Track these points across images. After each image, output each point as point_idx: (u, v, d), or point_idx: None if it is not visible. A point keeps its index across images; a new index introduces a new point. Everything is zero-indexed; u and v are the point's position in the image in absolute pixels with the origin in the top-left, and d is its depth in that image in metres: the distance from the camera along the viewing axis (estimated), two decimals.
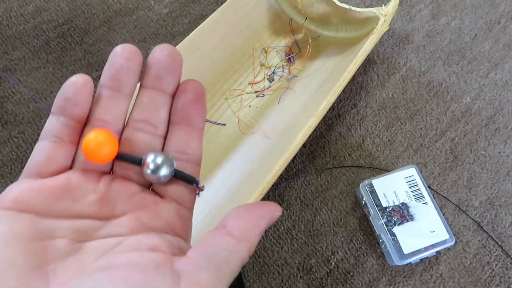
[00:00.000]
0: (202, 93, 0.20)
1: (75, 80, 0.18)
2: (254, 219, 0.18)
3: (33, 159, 0.18)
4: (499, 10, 0.58)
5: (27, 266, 0.15)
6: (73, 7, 0.53)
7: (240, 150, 0.45)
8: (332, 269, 0.42)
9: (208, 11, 0.55)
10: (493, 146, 0.49)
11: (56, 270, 0.15)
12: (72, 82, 0.18)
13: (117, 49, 0.19)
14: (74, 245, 0.16)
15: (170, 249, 0.17)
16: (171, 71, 0.19)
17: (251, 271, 0.41)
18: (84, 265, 0.15)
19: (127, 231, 0.17)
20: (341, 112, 0.50)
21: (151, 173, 0.18)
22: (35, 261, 0.15)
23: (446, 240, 0.40)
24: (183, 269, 0.15)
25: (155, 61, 0.19)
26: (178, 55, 0.20)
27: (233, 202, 0.40)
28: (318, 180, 0.46)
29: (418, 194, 0.42)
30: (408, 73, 0.53)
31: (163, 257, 0.16)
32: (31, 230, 0.16)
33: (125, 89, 0.19)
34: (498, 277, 0.42)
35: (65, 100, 0.18)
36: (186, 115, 0.20)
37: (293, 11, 0.52)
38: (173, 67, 0.19)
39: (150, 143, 0.19)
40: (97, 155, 0.17)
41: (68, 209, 0.17)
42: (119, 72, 0.19)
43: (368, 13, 0.46)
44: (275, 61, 0.50)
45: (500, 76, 0.53)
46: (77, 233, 0.17)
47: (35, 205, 0.17)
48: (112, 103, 0.19)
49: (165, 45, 0.19)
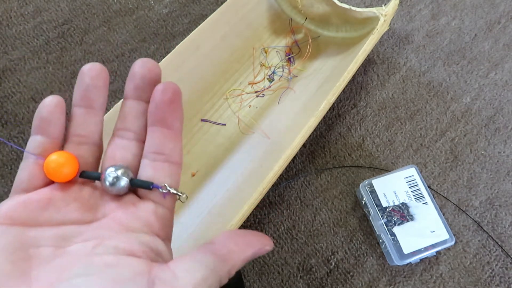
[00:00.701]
0: (176, 94, 0.20)
1: (49, 101, 0.19)
2: (243, 245, 0.18)
3: (19, 177, 0.19)
4: (499, 10, 0.58)
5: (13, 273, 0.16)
6: (73, 7, 0.53)
7: (240, 150, 0.45)
8: (332, 269, 0.42)
9: (208, 11, 0.55)
10: (493, 146, 0.49)
11: (39, 276, 0.16)
12: (46, 103, 0.19)
13: (84, 69, 0.20)
14: (58, 251, 0.17)
15: (147, 254, 0.17)
16: (147, 81, 0.20)
17: (251, 271, 0.41)
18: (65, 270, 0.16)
19: (106, 233, 0.18)
20: (341, 112, 0.50)
21: (109, 186, 0.19)
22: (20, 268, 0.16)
23: (446, 240, 0.40)
24: (160, 277, 0.16)
25: (133, 74, 0.20)
26: (156, 66, 0.21)
27: (233, 202, 0.40)
28: (318, 180, 0.46)
29: (418, 194, 0.42)
30: (408, 73, 0.53)
31: (140, 264, 0.16)
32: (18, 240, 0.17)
33: (96, 105, 0.20)
34: (498, 277, 0.42)
35: (41, 120, 0.19)
36: (160, 116, 0.20)
37: (293, 11, 0.52)
38: (150, 77, 0.20)
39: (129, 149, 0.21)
40: (57, 175, 0.19)
41: (52, 218, 0.18)
42: (87, 91, 0.20)
43: (368, 13, 0.46)
44: (275, 61, 0.50)
45: (500, 76, 0.53)
46: (61, 239, 0.18)
47: (22, 218, 0.18)
48: (86, 119, 0.20)
49: (144, 59, 0.21)
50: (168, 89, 0.20)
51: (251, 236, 0.19)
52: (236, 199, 0.40)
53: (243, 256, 0.18)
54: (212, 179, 0.43)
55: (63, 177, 0.19)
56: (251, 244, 0.18)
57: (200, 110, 0.46)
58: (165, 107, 0.20)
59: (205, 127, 0.46)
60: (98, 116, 0.21)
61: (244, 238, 0.19)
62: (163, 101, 0.20)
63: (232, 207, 0.38)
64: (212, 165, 0.44)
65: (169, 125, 0.20)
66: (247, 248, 0.18)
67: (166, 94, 0.20)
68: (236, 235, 0.19)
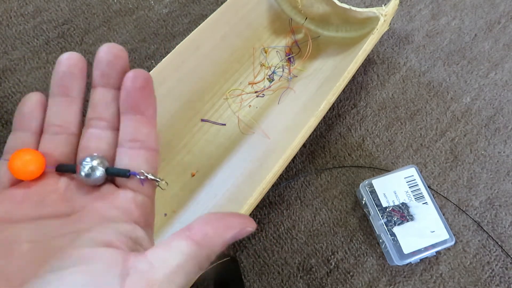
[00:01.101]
0: (147, 81, 0.20)
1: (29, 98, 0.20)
2: (221, 228, 0.18)
3: None
4: (499, 10, 0.58)
5: None
6: (73, 7, 0.53)
7: (240, 150, 0.45)
8: (332, 269, 0.42)
9: (208, 11, 0.55)
10: (493, 146, 0.49)
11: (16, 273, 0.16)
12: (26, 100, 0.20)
13: (61, 57, 0.20)
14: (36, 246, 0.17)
15: (125, 243, 0.17)
16: (114, 67, 0.20)
17: (251, 271, 0.41)
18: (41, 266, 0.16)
19: (85, 225, 0.18)
20: (341, 112, 0.50)
21: (85, 177, 0.19)
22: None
23: (446, 240, 0.40)
24: (135, 266, 0.16)
25: (98, 61, 0.20)
26: (121, 51, 0.20)
27: (233, 202, 0.40)
28: (318, 180, 0.46)
29: (418, 194, 0.42)
30: (408, 73, 0.53)
31: (116, 255, 0.16)
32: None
33: (72, 93, 0.20)
34: (498, 277, 0.42)
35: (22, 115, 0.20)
36: (132, 103, 0.20)
37: (293, 11, 0.52)
38: (116, 63, 0.20)
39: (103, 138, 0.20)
40: (23, 173, 0.19)
41: (29, 214, 0.18)
42: (63, 78, 0.20)
43: (368, 13, 0.46)
44: (275, 61, 0.50)
45: (500, 76, 0.53)
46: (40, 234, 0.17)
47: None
48: (62, 108, 0.20)
49: (108, 44, 0.20)
50: (139, 76, 0.20)
51: (229, 218, 0.18)
52: (236, 199, 0.40)
53: (221, 240, 0.17)
54: (212, 179, 0.43)
55: (29, 175, 0.19)
56: (229, 226, 0.18)
57: (200, 110, 0.46)
58: (137, 93, 0.20)
59: (205, 127, 0.46)
60: (76, 105, 0.20)
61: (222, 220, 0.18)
62: (134, 88, 0.20)
63: (232, 207, 0.38)
64: (212, 165, 0.44)
65: (142, 111, 0.20)
66: (225, 231, 0.18)
67: (137, 81, 0.20)
68: (213, 218, 0.18)
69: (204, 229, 0.17)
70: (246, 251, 0.42)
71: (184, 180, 0.43)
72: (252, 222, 0.19)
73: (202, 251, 0.17)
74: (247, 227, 0.18)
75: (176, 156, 0.44)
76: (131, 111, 0.20)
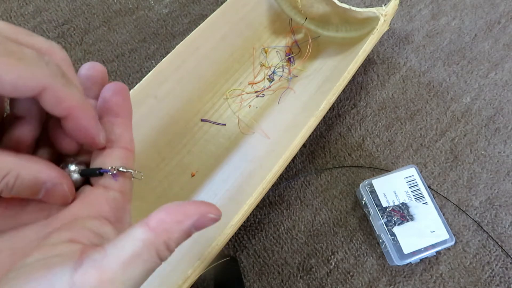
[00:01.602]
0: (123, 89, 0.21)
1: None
2: (180, 215, 0.17)
3: None
4: (499, 10, 0.58)
5: None
6: (73, 7, 0.53)
7: (240, 150, 0.45)
8: (332, 269, 0.42)
9: (208, 11, 0.55)
10: (493, 146, 0.49)
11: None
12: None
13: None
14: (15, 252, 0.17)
15: (88, 238, 0.17)
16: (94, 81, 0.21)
17: (251, 271, 0.41)
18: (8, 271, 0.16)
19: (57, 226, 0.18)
20: (341, 112, 0.50)
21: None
22: None
23: (446, 240, 0.40)
24: (90, 256, 0.15)
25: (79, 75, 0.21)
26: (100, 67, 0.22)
27: (233, 202, 0.40)
28: (318, 180, 0.46)
29: (418, 194, 0.42)
30: (408, 73, 0.53)
31: (74, 248, 0.16)
32: None
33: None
34: (498, 277, 0.42)
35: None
36: (108, 108, 0.21)
37: (293, 11, 0.52)
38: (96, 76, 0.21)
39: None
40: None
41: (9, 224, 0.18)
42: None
43: (368, 13, 0.46)
44: (275, 61, 0.50)
45: (500, 76, 0.53)
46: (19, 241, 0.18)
47: None
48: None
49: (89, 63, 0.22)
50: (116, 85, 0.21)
51: (188, 205, 0.18)
52: (236, 199, 0.40)
53: (179, 227, 0.17)
54: (212, 179, 0.43)
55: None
56: (187, 213, 0.17)
57: (200, 110, 0.46)
58: (113, 99, 0.21)
59: (205, 127, 0.46)
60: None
61: (180, 207, 0.18)
62: (111, 94, 0.21)
63: (232, 207, 0.38)
64: (212, 165, 0.44)
65: (116, 113, 0.21)
66: (184, 218, 0.17)
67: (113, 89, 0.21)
68: (171, 206, 0.18)
69: (161, 216, 0.17)
70: (246, 251, 0.42)
71: (184, 180, 0.43)
72: (216, 209, 0.18)
73: (159, 238, 0.16)
74: (208, 214, 0.18)
75: (176, 156, 0.44)
76: (105, 115, 0.21)
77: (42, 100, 0.18)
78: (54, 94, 0.17)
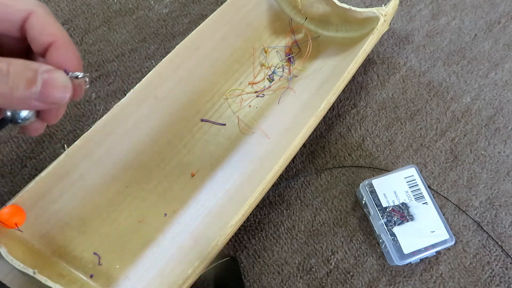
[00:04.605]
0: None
1: None
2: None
3: None
4: (499, 10, 0.58)
5: None
6: (73, 7, 0.53)
7: (240, 150, 0.45)
8: (332, 269, 0.42)
9: (208, 11, 0.55)
10: (493, 146, 0.49)
11: None
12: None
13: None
14: None
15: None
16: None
17: (251, 271, 0.41)
18: None
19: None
20: (341, 112, 0.50)
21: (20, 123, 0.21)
22: None
23: (446, 240, 0.40)
24: None
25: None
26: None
27: (233, 202, 0.40)
28: (318, 180, 0.46)
29: (418, 194, 0.42)
30: (408, 73, 0.53)
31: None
32: None
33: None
34: (498, 277, 0.42)
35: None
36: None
37: (293, 11, 0.52)
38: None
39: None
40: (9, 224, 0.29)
41: None
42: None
43: (368, 13, 0.46)
44: (275, 61, 0.50)
45: (500, 76, 0.53)
46: None
47: None
48: None
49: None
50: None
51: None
52: (236, 199, 0.40)
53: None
54: (212, 179, 0.43)
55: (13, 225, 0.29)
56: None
57: (200, 110, 0.46)
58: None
59: (205, 127, 0.46)
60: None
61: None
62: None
63: (232, 207, 0.38)
64: (212, 165, 0.44)
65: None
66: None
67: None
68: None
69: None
70: (246, 251, 0.42)
71: (184, 180, 0.43)
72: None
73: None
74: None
75: (176, 156, 0.44)
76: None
77: (29, 26, 0.19)
78: (40, 20, 0.19)
